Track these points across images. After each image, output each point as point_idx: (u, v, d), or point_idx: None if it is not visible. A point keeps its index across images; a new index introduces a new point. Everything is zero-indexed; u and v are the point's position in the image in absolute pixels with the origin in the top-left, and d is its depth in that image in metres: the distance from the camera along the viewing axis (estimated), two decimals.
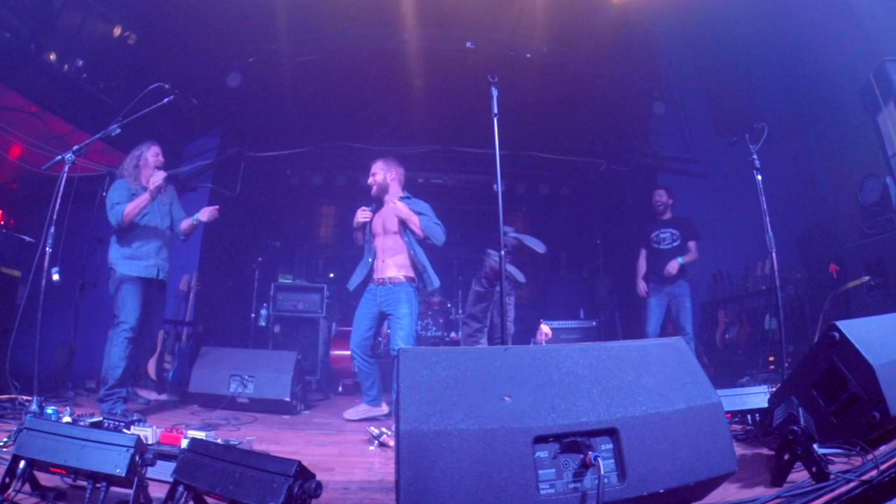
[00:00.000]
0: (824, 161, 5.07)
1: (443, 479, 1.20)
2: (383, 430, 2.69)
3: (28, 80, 3.96)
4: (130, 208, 3.27)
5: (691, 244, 4.58)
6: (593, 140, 6.19)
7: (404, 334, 3.46)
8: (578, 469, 1.29)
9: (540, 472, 1.26)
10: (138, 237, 3.38)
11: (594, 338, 5.52)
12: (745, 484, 1.67)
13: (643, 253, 4.80)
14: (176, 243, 3.67)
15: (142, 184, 3.41)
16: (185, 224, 3.60)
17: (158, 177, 3.30)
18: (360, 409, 3.61)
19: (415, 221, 3.60)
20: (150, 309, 3.47)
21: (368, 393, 3.62)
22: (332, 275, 7.26)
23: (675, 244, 4.59)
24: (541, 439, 1.29)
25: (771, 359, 4.69)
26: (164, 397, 4.12)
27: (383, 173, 3.75)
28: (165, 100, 3.06)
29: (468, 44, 4.92)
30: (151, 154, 3.51)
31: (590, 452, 1.28)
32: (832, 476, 1.55)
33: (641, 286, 4.71)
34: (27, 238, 3.71)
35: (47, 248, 2.70)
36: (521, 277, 3.70)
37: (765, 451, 2.14)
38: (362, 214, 3.64)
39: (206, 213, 3.54)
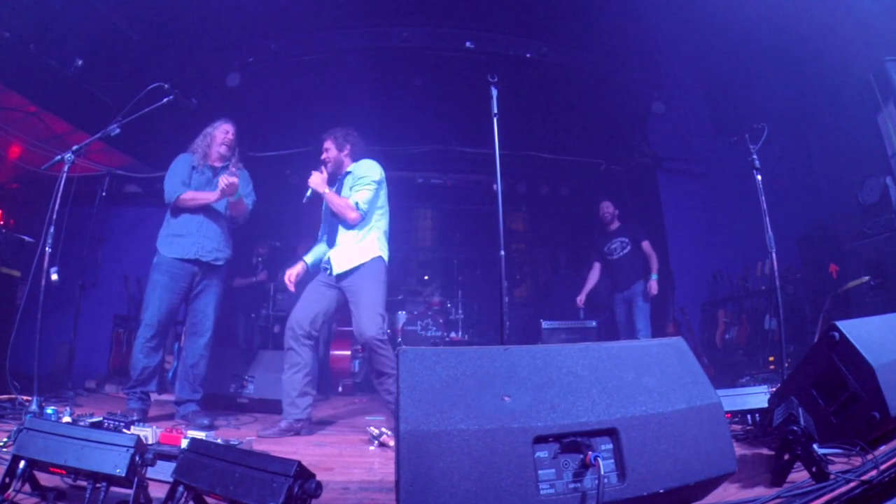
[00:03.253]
0: (824, 161, 5.06)
1: (443, 479, 1.20)
2: (383, 430, 2.69)
3: (28, 80, 3.96)
4: (191, 196, 3.20)
5: (644, 245, 4.70)
6: (593, 140, 6.20)
7: None
8: (578, 469, 1.29)
9: (540, 472, 1.26)
10: (182, 213, 3.25)
11: (594, 338, 5.51)
12: (745, 484, 1.67)
13: (596, 266, 5.00)
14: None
15: (212, 161, 3.38)
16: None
17: (228, 182, 3.10)
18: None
19: None
20: (197, 293, 3.27)
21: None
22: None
23: (626, 251, 4.76)
24: (541, 439, 1.29)
25: (771, 359, 4.68)
26: (164, 397, 4.12)
27: None
28: (165, 100, 3.05)
29: (468, 44, 4.93)
30: (220, 132, 3.43)
31: (590, 452, 1.28)
32: (832, 476, 1.55)
33: (581, 298, 4.98)
34: (27, 238, 3.70)
35: (47, 248, 2.69)
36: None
37: (765, 451, 2.14)
38: None
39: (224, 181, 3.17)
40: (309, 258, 3.23)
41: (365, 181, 3.13)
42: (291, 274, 3.11)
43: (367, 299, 2.96)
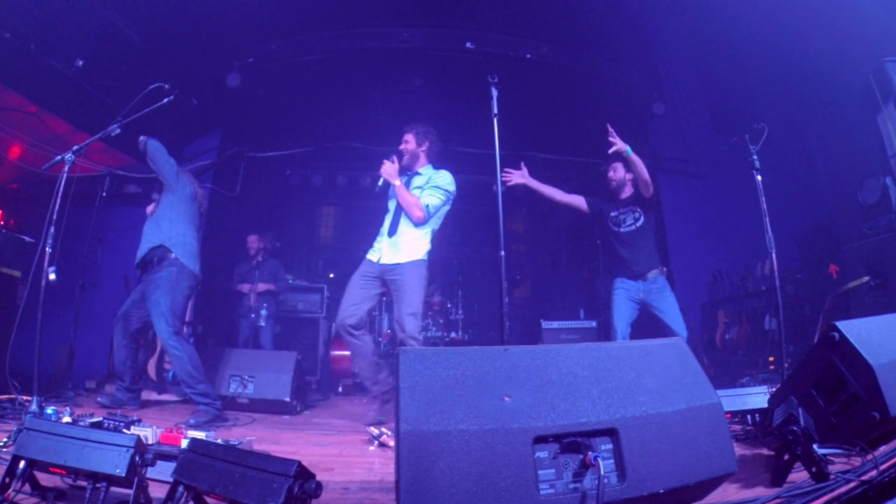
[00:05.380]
0: (824, 161, 5.07)
1: (443, 479, 1.20)
2: (383, 430, 2.69)
3: (28, 80, 3.96)
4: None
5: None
6: (593, 140, 6.18)
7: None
8: (578, 469, 1.29)
9: (540, 472, 1.26)
10: None
11: (594, 338, 5.51)
12: (745, 484, 1.67)
13: (580, 198, 4.05)
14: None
15: None
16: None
17: None
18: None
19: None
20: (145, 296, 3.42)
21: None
22: (331, 275, 7.27)
23: (637, 224, 3.76)
24: (541, 439, 1.29)
25: (771, 359, 4.68)
26: (164, 397, 4.12)
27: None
28: (165, 100, 3.05)
29: (468, 44, 4.93)
30: None
31: (590, 452, 1.28)
32: (832, 476, 1.55)
33: (527, 179, 3.94)
34: (27, 238, 3.70)
35: (47, 249, 2.70)
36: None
37: (765, 451, 2.14)
38: None
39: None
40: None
41: (440, 191, 3.32)
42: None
43: (408, 298, 3.16)
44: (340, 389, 5.55)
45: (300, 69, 5.13)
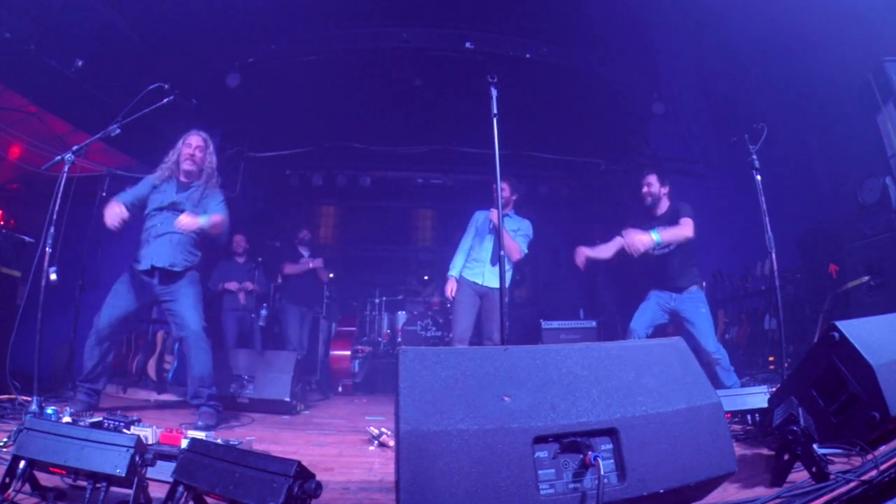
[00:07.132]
0: (824, 161, 5.06)
1: (443, 480, 1.20)
2: (383, 430, 2.69)
3: (28, 80, 3.97)
4: (106, 210, 3.06)
5: (683, 220, 3.54)
6: (593, 140, 6.20)
7: None
8: (578, 469, 1.29)
9: (540, 472, 1.26)
10: (145, 223, 3.23)
11: (594, 338, 5.52)
12: (745, 484, 1.67)
13: (616, 240, 3.63)
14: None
15: (179, 177, 3.27)
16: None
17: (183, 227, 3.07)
18: None
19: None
20: (145, 300, 3.32)
21: None
22: (331, 275, 7.26)
23: (671, 246, 3.57)
24: (541, 439, 1.29)
25: (771, 359, 4.68)
26: (164, 397, 4.12)
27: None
28: (165, 100, 3.05)
29: (468, 44, 4.93)
30: (185, 145, 3.28)
31: (590, 452, 1.28)
32: (832, 476, 1.55)
33: (581, 259, 3.63)
34: (27, 238, 3.70)
35: (47, 249, 2.70)
36: None
37: (765, 451, 2.14)
38: None
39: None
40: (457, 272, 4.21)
41: (528, 238, 4.21)
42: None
43: (496, 315, 3.61)
44: (340, 389, 5.55)
45: (300, 69, 5.14)
